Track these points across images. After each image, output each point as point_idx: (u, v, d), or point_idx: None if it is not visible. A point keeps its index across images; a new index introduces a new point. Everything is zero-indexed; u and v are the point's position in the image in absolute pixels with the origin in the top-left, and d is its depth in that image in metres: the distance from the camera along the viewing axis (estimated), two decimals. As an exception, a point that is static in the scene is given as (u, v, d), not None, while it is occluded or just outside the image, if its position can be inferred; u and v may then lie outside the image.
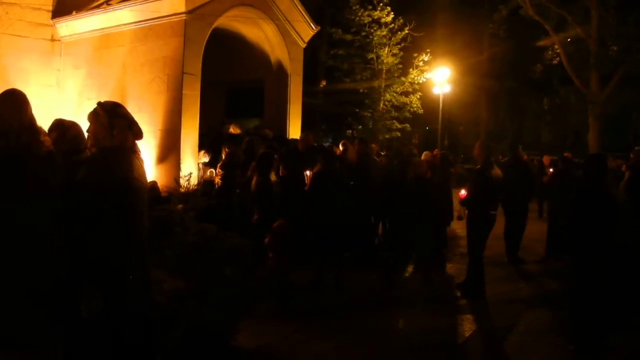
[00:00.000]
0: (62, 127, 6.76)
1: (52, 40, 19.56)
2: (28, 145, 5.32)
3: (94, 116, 5.93)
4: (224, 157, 15.29)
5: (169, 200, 12.23)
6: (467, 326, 10.68)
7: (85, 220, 5.36)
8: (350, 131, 37.84)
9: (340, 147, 16.91)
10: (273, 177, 13.02)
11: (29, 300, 5.03)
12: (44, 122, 6.09)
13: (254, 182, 12.76)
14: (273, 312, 10.54)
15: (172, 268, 8.74)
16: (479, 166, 12.42)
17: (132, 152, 5.84)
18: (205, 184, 15.36)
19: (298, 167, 14.63)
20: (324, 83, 39.63)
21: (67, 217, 5.38)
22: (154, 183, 13.69)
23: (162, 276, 8.21)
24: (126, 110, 6.05)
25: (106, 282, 5.31)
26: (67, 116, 14.85)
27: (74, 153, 6.40)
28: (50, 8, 19.59)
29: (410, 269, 14.78)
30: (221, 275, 9.22)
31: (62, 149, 6.26)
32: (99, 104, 5.99)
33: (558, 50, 37.53)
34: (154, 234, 7.21)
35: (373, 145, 19.35)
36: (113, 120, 5.79)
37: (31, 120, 5.54)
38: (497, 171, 12.35)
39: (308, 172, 13.76)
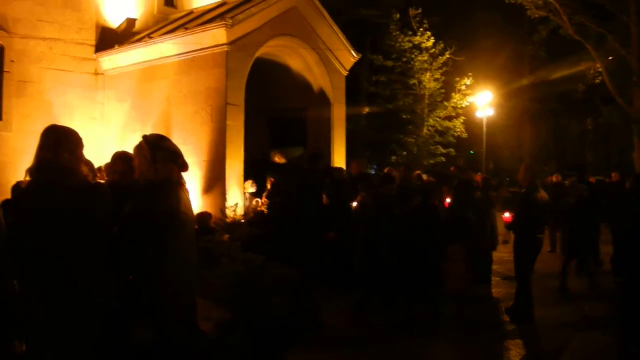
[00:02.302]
0: (127, 159, 6.83)
1: (96, 74, 19.81)
2: (75, 178, 5.31)
3: (138, 149, 5.94)
4: (269, 186, 15.28)
5: (216, 231, 12.23)
6: (517, 351, 10.57)
7: (134, 252, 5.34)
8: (395, 157, 37.67)
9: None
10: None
11: (78, 330, 5.01)
12: (89, 155, 6.12)
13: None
14: (321, 341, 10.43)
15: (218, 298, 8.72)
16: (524, 189, 12.27)
17: (178, 185, 5.82)
18: (251, 213, 15.34)
19: (342, 196, 14.57)
20: (366, 110, 39.56)
21: (117, 249, 5.37)
22: (205, 214, 13.67)
23: (208, 306, 8.20)
24: (170, 142, 6.03)
25: (155, 313, 5.28)
26: (112, 149, 15.06)
27: (134, 183, 6.46)
28: (93, 42, 19.89)
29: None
30: (267, 305, 9.19)
31: (128, 179, 6.32)
32: (144, 137, 5.99)
33: (600, 69, 37.03)
34: (201, 264, 7.20)
35: (417, 172, 19.24)
36: (156, 153, 5.78)
37: (81, 154, 5.54)
38: (542, 194, 12.18)
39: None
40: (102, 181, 8.68)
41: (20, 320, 5.51)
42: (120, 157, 7.29)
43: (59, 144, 5.32)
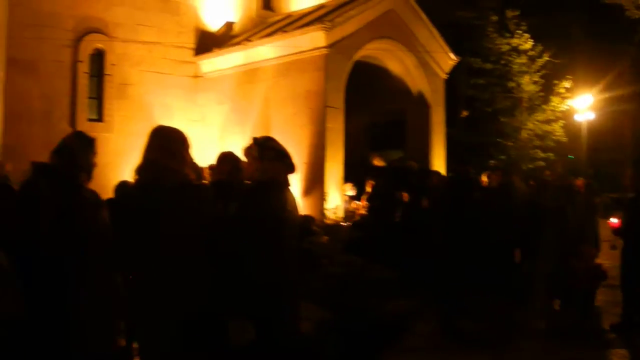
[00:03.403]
0: (233, 159, 6.88)
1: (195, 76, 20.08)
2: (185, 178, 5.32)
3: (247, 150, 5.95)
4: (368, 189, 15.22)
5: (317, 233, 12.24)
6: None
7: (239, 252, 5.32)
8: (493, 161, 37.25)
9: (485, 179, 16.60)
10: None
11: (180, 329, 5.00)
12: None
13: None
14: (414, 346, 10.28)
15: (318, 299, 8.68)
16: (632, 194, 11.92)
17: (285, 185, 5.79)
18: (351, 216, 15.32)
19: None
20: (465, 113, 39.13)
21: (221, 248, 5.35)
22: (308, 217, 13.68)
23: (308, 306, 8.17)
24: (278, 143, 6.00)
25: (257, 313, 5.24)
26: (212, 151, 15.15)
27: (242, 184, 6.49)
28: (193, 46, 20.17)
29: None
30: (365, 307, 9.13)
31: (235, 179, 6.35)
32: (253, 138, 5.97)
33: None
34: (302, 265, 7.18)
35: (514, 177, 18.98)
36: (264, 153, 5.75)
37: (187, 155, 5.55)
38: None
39: None
40: (206, 182, 8.73)
41: (125, 315, 5.56)
42: (226, 158, 7.32)
43: (165, 144, 5.32)
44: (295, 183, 15.54)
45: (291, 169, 5.96)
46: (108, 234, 5.53)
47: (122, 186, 9.74)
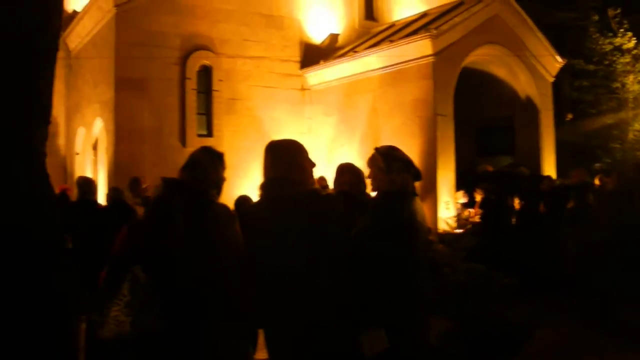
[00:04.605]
0: (355, 170, 6.90)
1: (302, 89, 20.25)
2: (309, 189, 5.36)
3: (372, 161, 5.91)
4: (479, 196, 15.14)
5: (433, 242, 12.20)
6: None
7: (371, 263, 5.33)
8: (599, 164, 36.51)
9: (597, 182, 16.36)
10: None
11: (312, 338, 5.02)
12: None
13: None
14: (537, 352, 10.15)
15: (440, 307, 8.65)
16: None
17: (413, 195, 5.77)
18: (464, 224, 15.25)
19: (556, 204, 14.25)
20: (570, 116, 38.49)
21: (352, 259, 5.36)
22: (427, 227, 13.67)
23: (429, 314, 8.16)
24: (402, 152, 5.98)
25: (390, 323, 5.25)
26: (321, 163, 15.21)
27: (365, 195, 6.51)
28: (298, 59, 20.36)
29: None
30: (488, 315, 9.07)
31: (357, 191, 6.37)
32: (376, 149, 5.96)
33: None
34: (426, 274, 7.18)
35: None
36: (391, 163, 5.73)
37: (307, 166, 5.58)
38: None
39: None
40: (331, 191, 8.77)
41: (254, 328, 5.62)
42: (347, 169, 7.31)
43: (284, 158, 5.35)
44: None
45: (418, 177, 5.93)
46: (240, 249, 5.59)
47: (243, 201, 9.84)
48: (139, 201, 12.37)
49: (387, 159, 5.76)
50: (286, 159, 5.34)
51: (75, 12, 21.51)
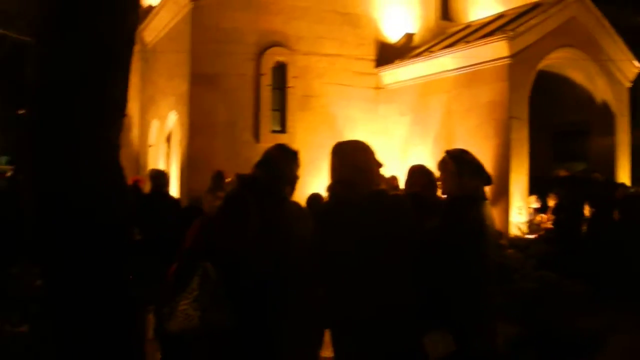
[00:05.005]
0: (427, 172, 6.87)
1: (376, 88, 20.19)
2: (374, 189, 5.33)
3: (442, 164, 5.87)
4: (550, 202, 14.98)
5: (504, 247, 12.11)
6: None
7: (440, 266, 5.29)
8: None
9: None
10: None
11: (381, 339, 5.00)
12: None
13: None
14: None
15: (509, 313, 8.58)
16: None
17: (483, 200, 5.71)
18: (536, 229, 15.10)
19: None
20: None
21: (421, 261, 5.33)
22: (497, 231, 13.58)
23: (498, 322, 8.10)
24: (474, 156, 5.92)
25: (456, 326, 5.21)
26: (395, 163, 15.16)
27: (435, 197, 6.52)
28: (373, 57, 20.36)
29: None
30: (559, 323, 8.98)
31: (429, 193, 6.34)
32: (447, 152, 5.91)
33: None
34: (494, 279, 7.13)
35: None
36: (462, 167, 5.68)
37: (375, 167, 5.56)
38: None
39: None
40: (400, 192, 8.75)
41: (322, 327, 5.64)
42: (419, 171, 7.26)
43: (352, 160, 5.34)
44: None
45: (489, 182, 5.88)
46: (311, 248, 5.58)
47: (316, 199, 9.84)
48: (222, 196, 12.47)
49: (458, 163, 5.72)
50: (350, 162, 5.34)
51: (150, 7, 21.79)
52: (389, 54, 20.63)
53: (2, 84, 39.48)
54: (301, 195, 9.21)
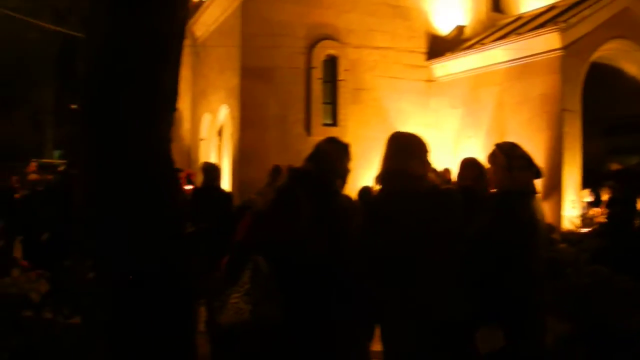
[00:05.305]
0: (478, 165, 6.85)
1: (428, 81, 20.16)
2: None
3: (492, 158, 5.82)
4: (604, 197, 14.84)
5: (556, 241, 11.98)
6: None
7: (489, 261, 5.25)
8: None
9: None
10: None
11: (430, 333, 4.99)
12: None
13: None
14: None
15: (561, 309, 8.49)
16: None
17: (533, 194, 5.66)
18: (589, 223, 14.94)
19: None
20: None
21: (471, 256, 5.29)
22: (550, 225, 13.44)
23: (549, 318, 8.01)
24: (524, 150, 5.86)
25: (506, 322, 5.17)
26: (446, 156, 15.08)
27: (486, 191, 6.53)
28: (424, 50, 20.29)
29: None
30: (611, 320, 8.85)
31: (480, 186, 6.31)
32: (497, 145, 5.86)
33: None
34: (547, 275, 7.05)
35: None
36: (512, 161, 5.63)
37: (427, 160, 5.54)
38: None
39: None
40: (452, 186, 8.71)
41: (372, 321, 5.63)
42: (471, 164, 7.24)
43: (405, 151, 5.33)
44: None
45: (539, 176, 5.82)
46: (361, 241, 5.57)
47: (367, 192, 9.84)
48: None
49: (509, 156, 5.68)
50: (409, 152, 5.34)
51: (200, 2, 21.89)
52: (440, 47, 20.54)
53: (55, 79, 39.98)
54: (353, 188, 9.21)
